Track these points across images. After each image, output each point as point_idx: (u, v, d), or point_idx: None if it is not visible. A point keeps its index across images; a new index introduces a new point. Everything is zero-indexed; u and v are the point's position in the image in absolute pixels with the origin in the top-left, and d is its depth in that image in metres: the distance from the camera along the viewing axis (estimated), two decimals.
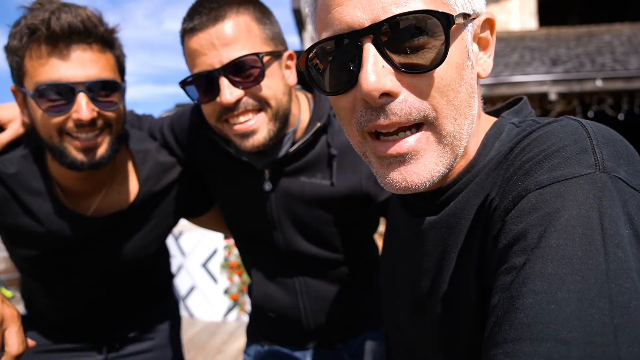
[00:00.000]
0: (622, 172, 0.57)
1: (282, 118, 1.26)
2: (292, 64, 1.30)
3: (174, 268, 5.88)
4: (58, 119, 1.20)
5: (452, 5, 0.67)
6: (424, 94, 0.66)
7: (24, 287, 1.63)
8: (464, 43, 0.69)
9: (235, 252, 5.68)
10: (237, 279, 5.73)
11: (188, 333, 5.32)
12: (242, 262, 1.65)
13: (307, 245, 1.42)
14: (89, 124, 1.21)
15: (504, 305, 0.54)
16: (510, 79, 7.10)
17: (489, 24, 0.75)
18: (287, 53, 1.29)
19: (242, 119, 1.20)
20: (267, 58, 1.20)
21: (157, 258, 1.68)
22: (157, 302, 1.73)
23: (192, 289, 5.95)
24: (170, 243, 5.86)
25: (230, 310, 5.84)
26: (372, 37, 0.64)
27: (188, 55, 1.21)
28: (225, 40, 1.15)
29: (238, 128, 1.21)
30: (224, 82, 1.16)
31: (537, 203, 0.57)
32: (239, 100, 1.18)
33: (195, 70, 1.19)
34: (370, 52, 0.64)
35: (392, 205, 1.03)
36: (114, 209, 1.42)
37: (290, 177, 1.37)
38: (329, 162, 1.35)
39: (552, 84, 7.08)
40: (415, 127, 0.68)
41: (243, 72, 1.17)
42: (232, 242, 5.57)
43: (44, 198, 1.34)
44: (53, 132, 1.21)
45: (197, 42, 1.16)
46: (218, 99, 1.17)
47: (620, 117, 7.17)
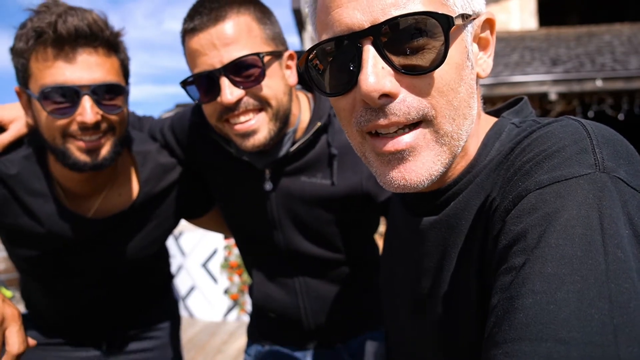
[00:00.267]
0: (622, 172, 0.57)
1: (282, 118, 1.26)
2: (292, 64, 1.30)
3: (174, 268, 5.88)
4: (62, 122, 1.20)
5: (451, 7, 0.67)
6: (424, 94, 0.66)
7: (24, 287, 1.63)
8: (464, 44, 0.69)
9: (235, 252, 5.68)
10: (237, 279, 5.72)
11: (188, 333, 5.32)
12: (242, 262, 1.66)
13: (307, 245, 1.42)
14: (93, 127, 1.22)
15: (504, 306, 0.54)
16: (510, 79, 7.10)
17: (489, 24, 0.75)
18: (287, 53, 1.29)
19: (242, 119, 1.21)
20: (267, 58, 1.20)
21: (157, 258, 1.68)
22: (157, 302, 1.74)
23: (192, 289, 5.95)
24: (170, 243, 5.86)
25: (230, 310, 5.84)
26: (371, 38, 0.64)
27: (189, 56, 1.21)
28: (226, 41, 1.15)
29: (239, 128, 1.21)
30: (225, 82, 1.16)
31: (537, 203, 0.57)
32: (240, 100, 1.19)
33: (196, 71, 1.19)
34: (370, 53, 0.64)
35: (392, 205, 1.04)
36: (115, 210, 1.43)
37: (291, 176, 1.37)
38: (330, 161, 1.35)
39: (552, 84, 7.07)
40: (414, 124, 0.68)
41: (244, 72, 1.17)
42: (232, 242, 5.58)
43: (45, 199, 1.34)
44: (57, 134, 1.22)
45: (197, 42, 1.17)
46: (219, 99, 1.18)
47: (620, 117, 7.16)
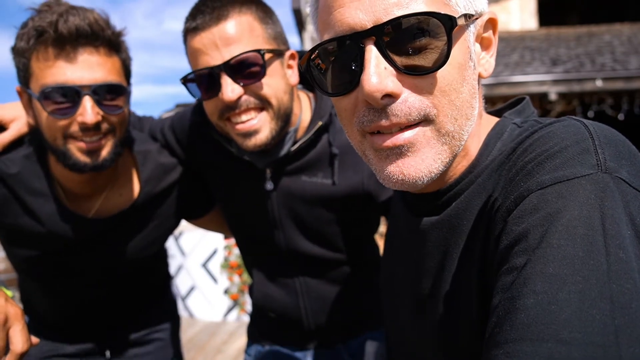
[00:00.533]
0: (624, 172, 0.57)
1: (283, 117, 1.26)
2: (293, 64, 1.30)
3: (174, 268, 5.87)
4: (63, 122, 1.19)
5: (454, 7, 0.67)
6: (426, 95, 0.66)
7: (23, 289, 1.63)
8: (466, 44, 0.69)
9: (236, 252, 5.68)
10: (237, 279, 5.72)
11: (188, 333, 5.32)
12: (242, 262, 1.65)
13: (308, 245, 1.42)
14: (94, 128, 1.21)
15: (505, 306, 0.54)
16: (510, 79, 7.10)
17: (492, 24, 0.75)
18: (289, 52, 1.29)
19: (244, 118, 1.20)
20: (268, 56, 1.20)
21: (157, 258, 1.68)
22: (156, 302, 1.74)
23: (192, 289, 5.94)
24: (170, 243, 5.86)
25: (230, 310, 5.84)
26: (374, 38, 0.64)
27: (190, 55, 1.21)
28: (228, 40, 1.15)
29: (240, 127, 1.21)
30: (226, 79, 1.16)
31: (538, 203, 0.57)
32: (240, 98, 1.18)
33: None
34: (372, 53, 0.64)
35: (393, 205, 1.03)
36: (115, 211, 1.42)
37: (292, 176, 1.37)
38: (331, 161, 1.35)
39: (552, 84, 7.07)
40: (414, 124, 0.68)
41: (245, 69, 1.17)
42: (232, 242, 5.57)
43: (46, 199, 1.34)
44: (57, 134, 1.21)
45: (199, 41, 1.16)
46: (219, 96, 1.18)
47: (620, 117, 7.16)
